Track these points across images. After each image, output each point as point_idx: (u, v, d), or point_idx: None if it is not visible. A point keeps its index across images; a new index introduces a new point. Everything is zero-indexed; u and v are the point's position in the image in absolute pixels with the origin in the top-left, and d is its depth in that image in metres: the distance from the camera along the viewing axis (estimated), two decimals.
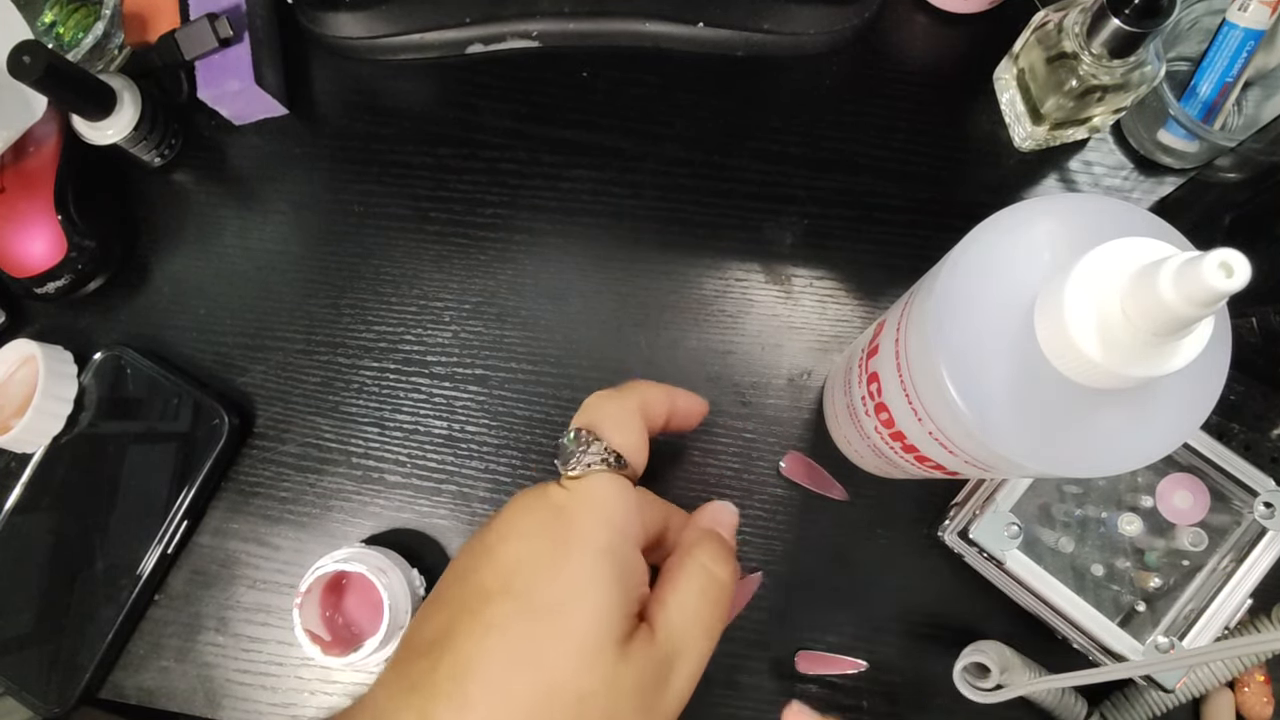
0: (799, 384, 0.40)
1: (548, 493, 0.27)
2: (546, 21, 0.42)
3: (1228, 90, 0.39)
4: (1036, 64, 0.38)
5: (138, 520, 0.39)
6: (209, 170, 0.43)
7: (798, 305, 0.41)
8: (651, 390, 0.31)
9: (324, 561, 0.36)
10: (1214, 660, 0.34)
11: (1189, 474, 0.35)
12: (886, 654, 0.38)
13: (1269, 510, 0.34)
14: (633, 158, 0.43)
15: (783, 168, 0.42)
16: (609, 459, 0.28)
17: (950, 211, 0.41)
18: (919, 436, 0.27)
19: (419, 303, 0.42)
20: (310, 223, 0.43)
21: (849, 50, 0.43)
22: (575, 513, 0.27)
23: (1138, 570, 0.35)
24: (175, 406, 0.40)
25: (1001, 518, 0.34)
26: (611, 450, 0.28)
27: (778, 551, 0.39)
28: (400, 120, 0.43)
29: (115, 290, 0.42)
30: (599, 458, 0.28)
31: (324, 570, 0.36)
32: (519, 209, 0.42)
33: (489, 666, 0.24)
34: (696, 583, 0.27)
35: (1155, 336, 0.19)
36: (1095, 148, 0.42)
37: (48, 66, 0.35)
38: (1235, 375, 0.22)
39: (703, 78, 0.43)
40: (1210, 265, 0.17)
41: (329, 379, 0.41)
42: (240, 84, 0.40)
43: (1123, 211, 0.23)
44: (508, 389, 0.41)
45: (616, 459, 0.28)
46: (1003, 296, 0.22)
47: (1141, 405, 0.22)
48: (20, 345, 0.39)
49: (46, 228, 0.39)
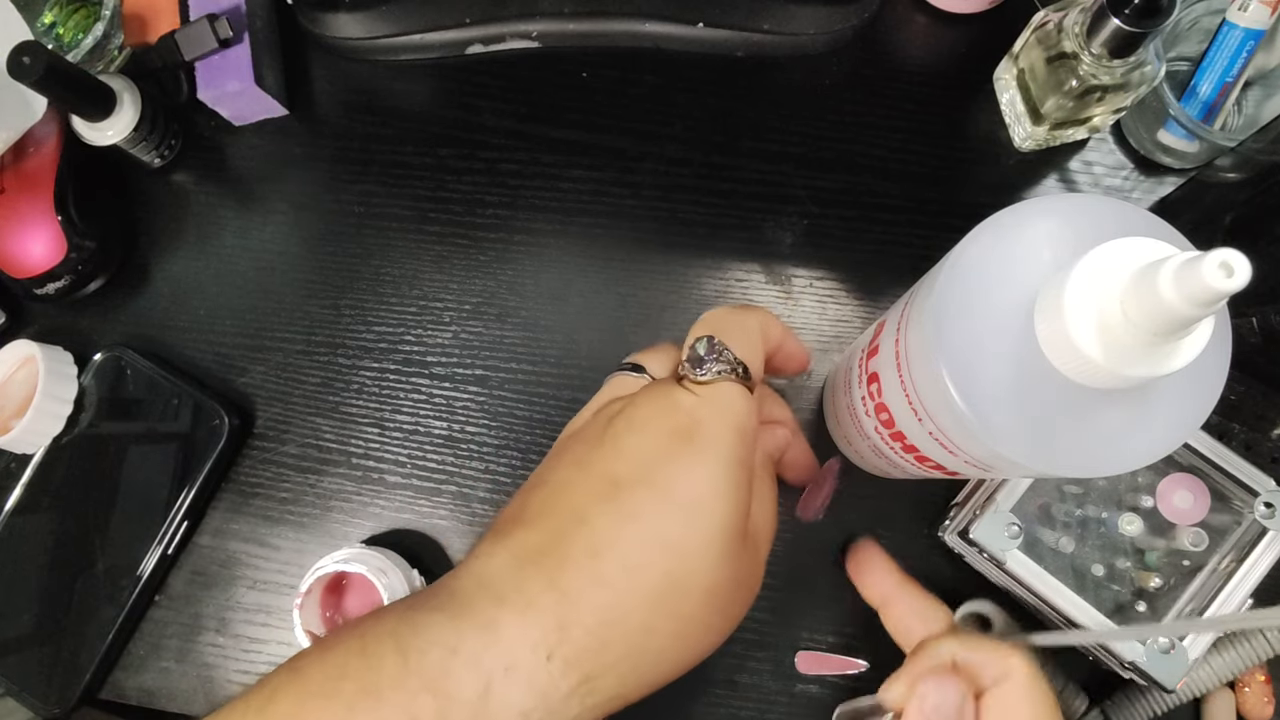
0: (799, 384, 0.40)
1: (675, 395, 0.28)
2: (546, 22, 0.42)
3: (1228, 90, 0.39)
4: (1036, 64, 0.38)
5: (138, 521, 0.39)
6: (209, 170, 0.43)
7: (798, 305, 0.41)
8: (769, 315, 0.31)
9: (324, 562, 0.36)
10: (1203, 632, 0.34)
11: (1189, 474, 0.35)
12: (886, 654, 0.38)
13: (1269, 510, 0.34)
14: (633, 158, 0.43)
15: (782, 167, 0.42)
16: (738, 369, 0.28)
17: (950, 211, 0.41)
18: (919, 436, 0.27)
19: (419, 303, 0.42)
20: (310, 223, 0.43)
21: (849, 50, 0.43)
22: (708, 418, 0.27)
23: (1138, 570, 0.35)
24: (175, 407, 0.40)
25: (1002, 518, 0.34)
26: (739, 361, 0.28)
27: (778, 551, 0.39)
28: (400, 121, 0.43)
29: (115, 290, 0.42)
30: (729, 366, 0.28)
31: (324, 571, 0.36)
32: (519, 209, 0.42)
33: (627, 548, 0.25)
34: (768, 489, 0.30)
35: (1155, 336, 0.19)
36: (1095, 148, 0.42)
37: (48, 67, 0.35)
38: (1235, 375, 0.22)
39: (702, 78, 0.43)
40: (1210, 265, 0.17)
41: (329, 379, 0.41)
42: (240, 84, 0.40)
43: (1123, 211, 0.23)
44: (507, 389, 0.41)
45: (744, 370, 0.28)
46: (1003, 296, 0.22)
47: (1142, 405, 0.22)
48: (20, 346, 0.39)
49: (46, 228, 0.39)
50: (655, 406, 0.28)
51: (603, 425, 0.28)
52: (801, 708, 0.38)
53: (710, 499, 0.26)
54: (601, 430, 0.28)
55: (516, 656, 0.23)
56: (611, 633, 0.24)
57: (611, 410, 0.28)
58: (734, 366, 0.28)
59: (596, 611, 0.24)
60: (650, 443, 0.27)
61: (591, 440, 0.28)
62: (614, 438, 0.27)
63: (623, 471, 0.26)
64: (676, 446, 0.26)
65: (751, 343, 0.29)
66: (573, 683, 0.23)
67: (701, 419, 0.27)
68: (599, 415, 0.29)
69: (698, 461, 0.26)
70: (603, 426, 0.28)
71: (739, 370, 0.28)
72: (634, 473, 0.26)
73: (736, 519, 0.26)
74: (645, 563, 0.25)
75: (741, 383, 0.28)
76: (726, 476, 0.26)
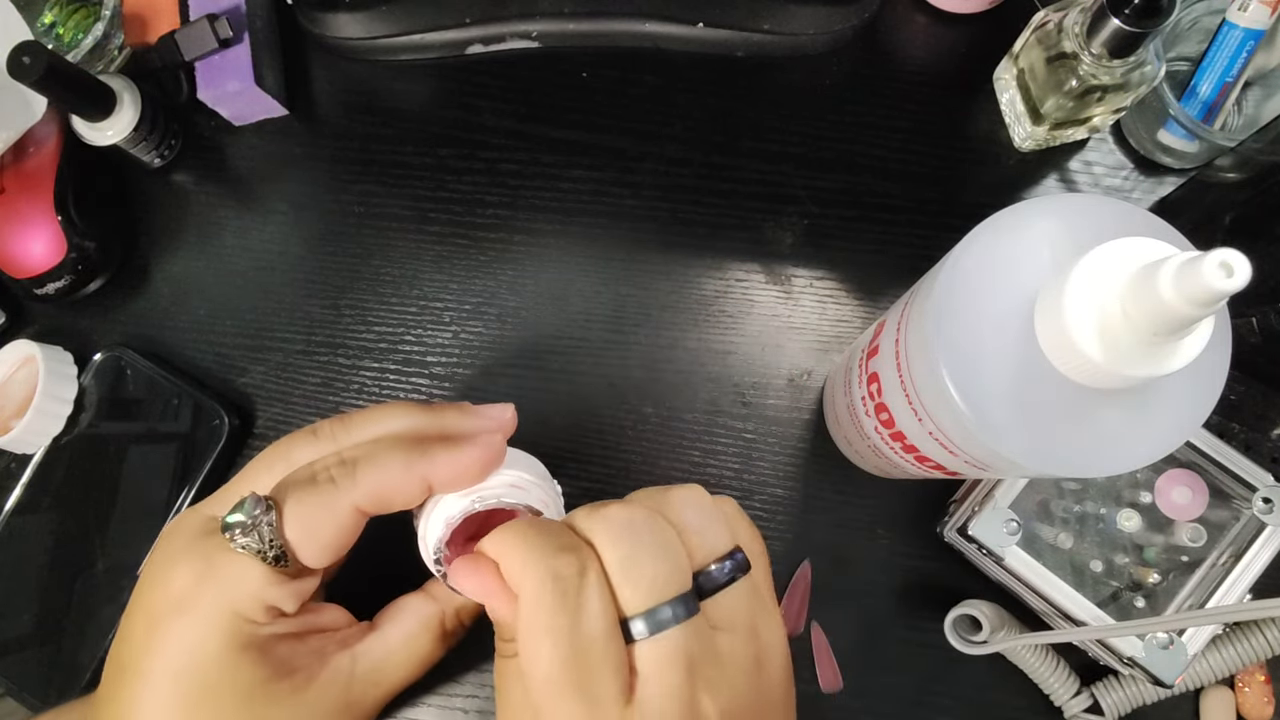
0: (799, 384, 0.40)
1: (179, 566, 0.27)
2: (546, 22, 0.42)
3: (1228, 90, 0.39)
4: (1036, 64, 0.38)
5: (138, 520, 0.39)
6: (209, 171, 0.43)
7: (798, 305, 0.41)
8: (391, 464, 0.26)
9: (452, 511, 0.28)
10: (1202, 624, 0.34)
11: (1188, 470, 0.35)
12: (886, 654, 0.38)
13: (1268, 505, 0.34)
14: (633, 158, 0.43)
15: (783, 168, 0.42)
16: (267, 554, 0.26)
17: (950, 211, 0.41)
18: (919, 436, 0.27)
19: (419, 303, 0.42)
20: (310, 223, 0.43)
21: (849, 50, 0.43)
22: (204, 600, 0.26)
23: (1137, 566, 0.35)
24: (175, 407, 0.40)
25: (1001, 514, 0.34)
26: (277, 545, 0.26)
27: (778, 551, 0.39)
28: (400, 121, 0.43)
29: (115, 291, 0.42)
30: (257, 546, 0.26)
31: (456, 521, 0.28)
32: (519, 209, 0.42)
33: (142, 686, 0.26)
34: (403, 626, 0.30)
35: (1155, 336, 0.19)
36: (1095, 148, 0.42)
37: (48, 67, 0.34)
38: (1235, 375, 0.22)
39: (702, 78, 0.43)
40: (1210, 265, 0.17)
41: (329, 379, 0.41)
42: (240, 84, 0.40)
43: (1123, 211, 0.23)
44: (508, 389, 0.41)
45: (278, 558, 0.26)
46: (1003, 296, 0.22)
47: (1142, 405, 0.22)
48: (20, 346, 0.39)
49: (46, 228, 0.39)
50: (155, 578, 0.27)
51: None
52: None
53: (209, 688, 0.26)
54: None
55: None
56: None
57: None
58: (260, 549, 0.26)
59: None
60: (139, 627, 0.27)
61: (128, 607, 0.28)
62: (131, 603, 0.28)
63: (124, 655, 0.27)
64: (155, 633, 0.26)
65: (316, 519, 0.26)
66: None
67: (193, 601, 0.26)
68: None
69: (183, 652, 0.26)
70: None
71: (267, 553, 0.26)
72: (128, 657, 0.27)
73: (252, 691, 0.26)
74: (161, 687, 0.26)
75: (271, 566, 0.26)
76: (221, 663, 0.26)
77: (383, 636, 0.29)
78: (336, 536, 0.27)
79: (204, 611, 0.26)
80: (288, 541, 0.26)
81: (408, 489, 0.27)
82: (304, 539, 0.26)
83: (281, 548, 0.26)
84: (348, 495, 0.26)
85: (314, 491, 0.26)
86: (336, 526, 0.26)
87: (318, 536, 0.26)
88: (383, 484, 0.26)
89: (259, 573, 0.26)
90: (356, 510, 0.26)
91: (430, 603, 0.30)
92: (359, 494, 0.26)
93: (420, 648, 0.30)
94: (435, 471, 0.27)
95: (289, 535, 0.26)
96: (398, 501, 0.27)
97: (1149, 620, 0.33)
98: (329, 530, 0.26)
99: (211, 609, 0.26)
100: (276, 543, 0.26)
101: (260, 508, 0.26)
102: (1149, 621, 0.32)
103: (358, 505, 0.26)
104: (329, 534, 0.26)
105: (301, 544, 0.26)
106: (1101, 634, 0.31)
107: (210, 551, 0.26)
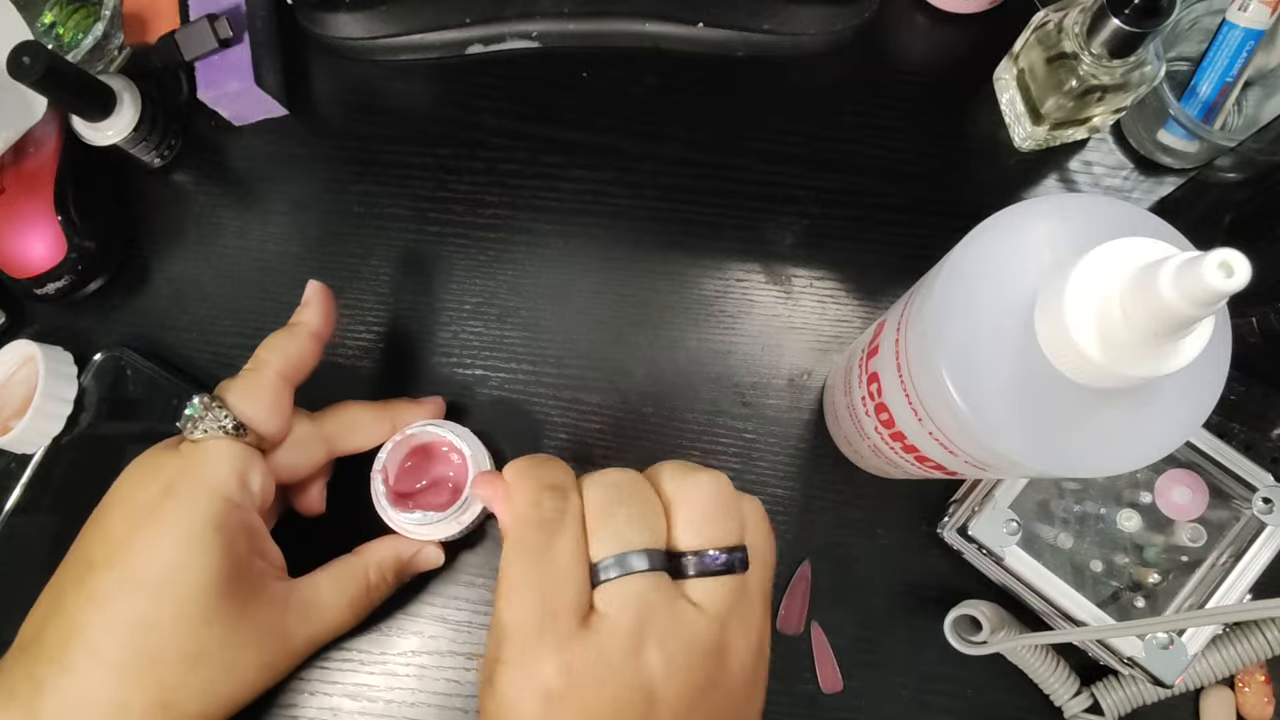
0: (799, 384, 0.40)
1: (159, 462, 0.30)
2: (546, 22, 0.42)
3: (1228, 90, 0.39)
4: (1036, 64, 0.38)
5: None
6: (209, 170, 0.43)
7: (798, 305, 0.41)
8: (292, 350, 0.32)
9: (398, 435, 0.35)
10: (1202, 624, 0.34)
11: (1188, 470, 0.35)
12: (886, 654, 0.38)
13: (1268, 505, 0.34)
14: (633, 158, 0.43)
15: (783, 168, 0.42)
16: (226, 425, 0.30)
17: (950, 211, 0.41)
18: (919, 436, 0.27)
19: (419, 303, 0.42)
20: (310, 223, 0.43)
21: (849, 50, 0.43)
22: (183, 485, 0.29)
23: (1137, 566, 0.35)
24: (175, 407, 0.40)
25: (1000, 514, 0.34)
26: (232, 417, 0.30)
27: (778, 551, 0.39)
28: (400, 121, 0.43)
29: (115, 291, 0.42)
30: (216, 424, 0.30)
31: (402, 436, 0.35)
32: (519, 209, 0.42)
33: (94, 634, 0.27)
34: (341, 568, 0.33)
35: (1155, 336, 0.19)
36: (1095, 148, 0.42)
37: (48, 67, 0.34)
38: (1235, 375, 0.22)
39: (703, 78, 0.43)
40: (1210, 265, 0.17)
41: (329, 379, 0.41)
42: (240, 84, 0.40)
43: (1123, 211, 0.23)
44: (507, 389, 0.41)
45: (236, 427, 0.30)
46: (1003, 296, 0.22)
47: (1142, 405, 0.22)
48: (20, 346, 0.39)
49: (46, 228, 0.39)
50: (133, 479, 0.30)
51: (103, 500, 0.30)
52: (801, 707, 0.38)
53: (176, 571, 0.28)
54: (98, 507, 0.30)
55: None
56: (80, 715, 0.26)
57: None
58: (221, 424, 0.30)
59: (63, 696, 0.26)
60: (121, 522, 0.29)
61: (90, 520, 0.30)
62: (96, 519, 0.29)
63: (97, 555, 0.28)
64: (145, 521, 0.28)
65: (254, 393, 0.31)
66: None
67: (178, 487, 0.29)
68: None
69: (164, 531, 0.28)
70: (101, 502, 0.30)
71: (228, 426, 0.30)
72: (105, 555, 0.28)
73: (212, 587, 0.28)
74: (113, 644, 0.27)
75: (234, 438, 0.30)
76: (196, 544, 0.28)
77: (313, 578, 0.33)
78: (274, 400, 0.32)
79: (188, 493, 0.29)
80: (238, 414, 0.31)
81: (311, 359, 0.34)
82: (250, 407, 0.31)
83: (235, 420, 0.30)
84: (270, 368, 0.32)
85: (243, 375, 0.32)
86: (272, 392, 0.32)
87: (260, 402, 0.31)
88: (294, 354, 0.33)
89: (225, 445, 0.30)
90: (279, 376, 0.32)
91: (356, 557, 0.34)
92: (278, 364, 0.32)
93: (347, 591, 0.33)
94: (393, 414, 0.35)
95: (236, 409, 0.31)
96: (300, 371, 0.33)
97: (1149, 620, 0.33)
98: (267, 395, 0.31)
99: (197, 488, 0.29)
100: (230, 416, 0.30)
101: (204, 399, 0.30)
102: (1149, 621, 0.32)
103: (279, 372, 0.32)
104: (268, 398, 0.31)
105: (250, 412, 0.31)
106: (1101, 634, 0.31)
107: (180, 452, 0.30)
